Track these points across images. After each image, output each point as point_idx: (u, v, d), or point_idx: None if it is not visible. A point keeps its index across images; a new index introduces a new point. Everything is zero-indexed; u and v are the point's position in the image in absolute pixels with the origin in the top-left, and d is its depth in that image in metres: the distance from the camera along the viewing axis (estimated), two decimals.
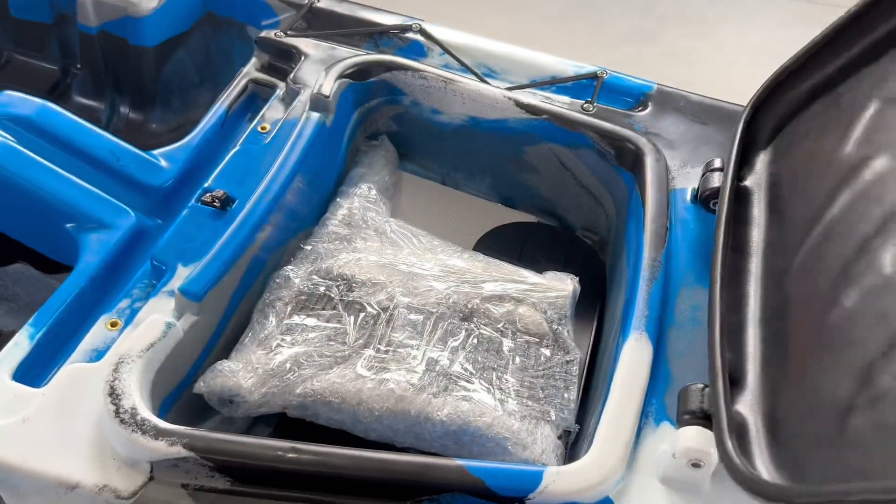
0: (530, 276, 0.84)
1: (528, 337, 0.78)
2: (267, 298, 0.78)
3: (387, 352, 0.74)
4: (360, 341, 0.75)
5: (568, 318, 0.81)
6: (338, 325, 0.76)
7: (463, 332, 0.77)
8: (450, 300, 0.79)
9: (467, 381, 0.72)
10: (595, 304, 0.89)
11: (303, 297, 0.78)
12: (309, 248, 0.84)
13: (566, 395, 0.74)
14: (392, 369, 0.72)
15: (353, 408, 0.69)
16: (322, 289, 0.79)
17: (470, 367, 0.74)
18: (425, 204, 1.00)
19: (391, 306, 0.78)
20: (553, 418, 0.72)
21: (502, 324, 0.78)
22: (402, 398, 0.69)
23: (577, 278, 0.84)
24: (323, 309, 0.77)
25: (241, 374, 0.71)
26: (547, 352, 0.77)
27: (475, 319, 0.78)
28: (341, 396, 0.69)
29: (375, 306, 0.77)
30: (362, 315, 0.77)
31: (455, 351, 0.75)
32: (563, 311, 0.81)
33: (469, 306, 0.79)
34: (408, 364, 0.73)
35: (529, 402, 0.73)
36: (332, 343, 0.74)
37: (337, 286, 0.79)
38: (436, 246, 0.86)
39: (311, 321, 0.76)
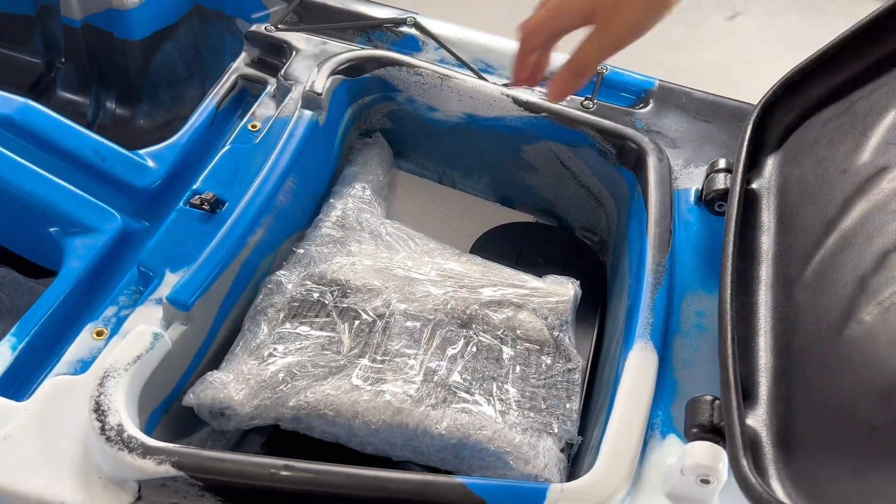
0: (530, 280, 0.81)
1: (528, 344, 0.76)
2: (258, 305, 0.76)
3: (383, 361, 0.71)
4: (356, 350, 0.72)
5: (569, 324, 0.79)
6: (332, 334, 0.73)
7: (461, 339, 0.74)
8: (448, 306, 0.76)
9: (466, 392, 0.70)
10: (596, 308, 0.87)
11: (295, 304, 0.75)
12: (301, 251, 0.81)
13: (568, 406, 0.72)
14: (389, 380, 0.70)
15: (349, 421, 0.67)
16: (315, 295, 0.76)
17: (469, 377, 0.72)
18: (421, 203, 0.97)
19: (387, 313, 0.75)
20: (556, 430, 0.70)
21: (502, 331, 0.76)
22: (400, 410, 0.67)
23: (578, 282, 0.82)
24: (316, 316, 0.75)
25: (232, 385, 0.68)
26: (548, 360, 0.75)
27: (474, 326, 0.75)
28: (336, 409, 0.67)
29: (371, 313, 0.75)
30: (357, 322, 0.74)
31: (454, 360, 0.72)
32: (564, 317, 0.78)
33: (467, 312, 0.76)
34: (405, 374, 0.70)
35: (531, 414, 0.70)
36: (327, 352, 0.72)
37: (331, 292, 0.76)
38: (433, 249, 0.83)
39: (304, 329, 0.73)
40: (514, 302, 0.78)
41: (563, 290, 0.80)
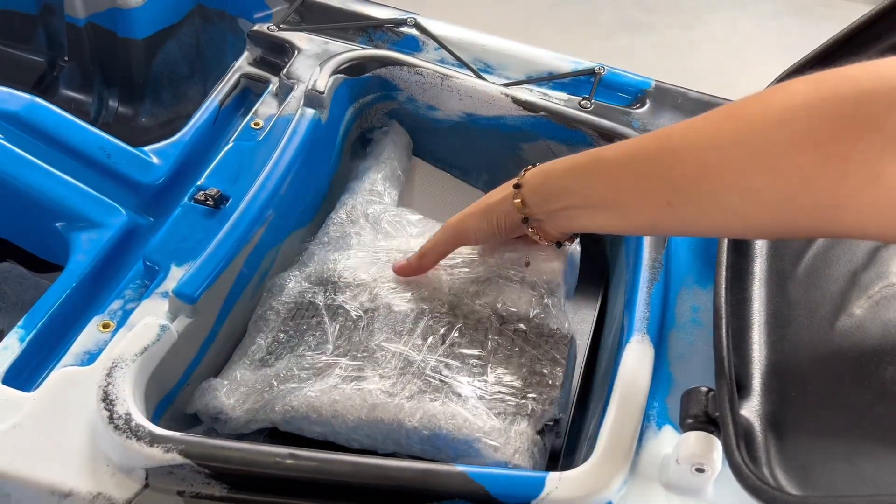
0: (520, 248, 0.78)
1: (515, 320, 0.74)
2: (259, 310, 0.77)
3: (363, 357, 0.71)
4: (340, 349, 0.72)
5: (560, 290, 0.76)
6: (321, 334, 0.73)
7: (444, 326, 0.73)
8: (434, 290, 0.76)
9: (441, 381, 0.69)
10: (594, 304, 0.88)
11: (292, 305, 0.76)
12: (304, 252, 0.82)
13: (550, 381, 0.70)
14: (368, 376, 0.69)
15: (330, 420, 0.67)
16: (309, 295, 0.76)
17: (448, 363, 0.70)
18: (434, 194, 0.98)
19: (372, 307, 0.75)
20: (533, 410, 0.68)
21: (489, 308, 0.74)
22: (375, 406, 0.67)
23: (576, 239, 0.78)
24: (312, 317, 0.75)
25: (224, 391, 0.69)
26: (534, 333, 0.73)
27: (460, 307, 0.74)
28: (317, 410, 0.67)
29: (357, 309, 0.74)
30: (344, 320, 0.74)
31: (433, 348, 0.71)
32: (554, 283, 0.76)
33: (454, 294, 0.75)
34: (383, 369, 0.70)
35: (508, 397, 0.69)
36: (314, 353, 0.72)
37: (324, 290, 0.77)
38: (428, 231, 0.82)
39: (298, 331, 0.74)
40: (503, 275, 0.76)
41: (552, 254, 0.77)
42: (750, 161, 0.51)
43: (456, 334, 0.73)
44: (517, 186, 0.70)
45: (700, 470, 0.59)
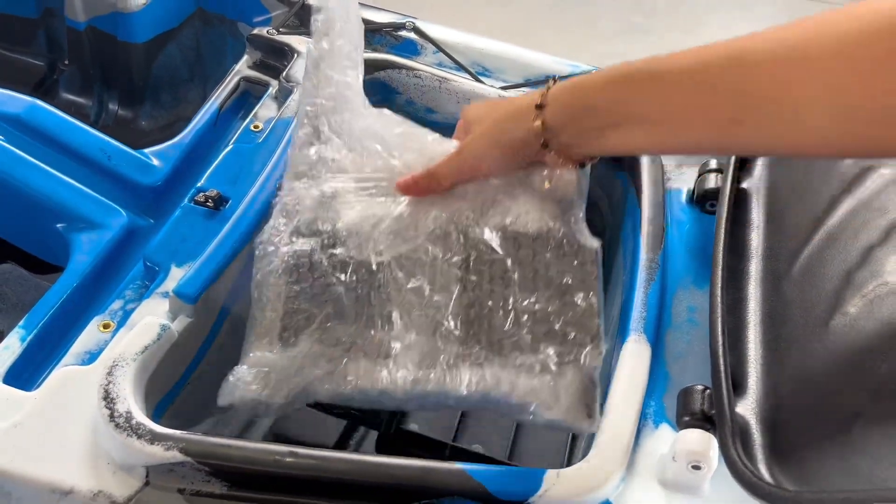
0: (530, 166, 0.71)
1: (532, 243, 0.68)
2: (257, 276, 0.69)
3: (389, 327, 0.66)
4: (361, 319, 0.67)
5: (575, 201, 0.70)
6: (336, 302, 0.68)
7: (461, 268, 0.68)
8: (441, 233, 0.69)
9: (476, 342, 0.65)
10: None
11: (292, 266, 0.69)
12: (282, 189, 0.73)
13: (587, 313, 0.65)
14: (399, 348, 0.65)
15: (377, 397, 0.65)
16: (306, 252, 0.69)
17: (478, 314, 0.66)
18: None
19: (380, 262, 0.69)
20: (576, 356, 0.63)
21: (500, 234, 0.69)
22: (417, 381, 0.64)
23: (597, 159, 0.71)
24: (318, 278, 0.68)
25: (255, 383, 0.64)
26: (555, 257, 0.67)
27: (471, 241, 0.69)
28: (361, 390, 0.64)
29: (364, 267, 0.68)
30: (355, 282, 0.68)
31: (457, 301, 0.67)
32: (568, 197, 0.69)
33: (464, 231, 0.69)
34: (413, 336, 0.66)
35: (548, 346, 0.64)
36: (335, 325, 0.67)
37: (321, 244, 0.69)
38: (408, 141, 0.74)
39: (308, 299, 0.68)
40: (510, 192, 0.70)
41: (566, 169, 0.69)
42: (845, 74, 0.46)
43: (474, 277, 0.67)
44: (539, 107, 0.62)
45: (697, 467, 0.60)
